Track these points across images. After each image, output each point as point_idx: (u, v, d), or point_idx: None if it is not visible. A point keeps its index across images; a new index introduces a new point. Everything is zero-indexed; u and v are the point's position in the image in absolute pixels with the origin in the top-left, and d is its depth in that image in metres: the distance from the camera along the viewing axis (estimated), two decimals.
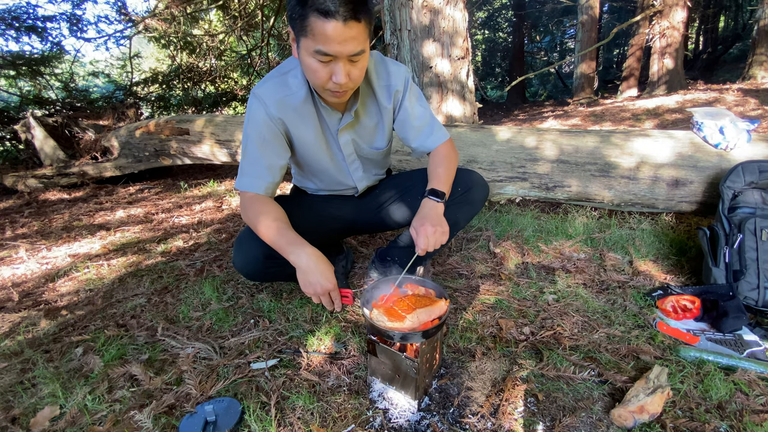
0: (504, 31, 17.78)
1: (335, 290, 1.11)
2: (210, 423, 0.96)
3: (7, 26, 4.90)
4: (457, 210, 1.39)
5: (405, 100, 1.30)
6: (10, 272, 2.05)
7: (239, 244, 1.28)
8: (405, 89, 1.29)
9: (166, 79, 6.13)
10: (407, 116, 1.33)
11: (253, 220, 1.18)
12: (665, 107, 6.21)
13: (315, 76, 1.03)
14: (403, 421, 0.98)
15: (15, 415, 1.07)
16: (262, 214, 1.17)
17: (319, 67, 1.00)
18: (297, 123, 1.21)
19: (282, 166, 1.24)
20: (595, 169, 2.04)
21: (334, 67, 1.00)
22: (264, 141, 1.19)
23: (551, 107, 10.06)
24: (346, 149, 1.33)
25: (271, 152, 1.21)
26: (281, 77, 1.18)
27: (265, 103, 1.16)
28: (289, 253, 1.11)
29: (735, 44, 14.32)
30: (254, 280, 1.56)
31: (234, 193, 3.29)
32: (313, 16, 0.92)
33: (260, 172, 1.21)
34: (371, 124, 1.32)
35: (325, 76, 1.02)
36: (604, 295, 1.51)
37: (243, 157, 1.22)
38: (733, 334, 1.25)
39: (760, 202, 1.50)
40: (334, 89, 1.06)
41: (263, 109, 1.16)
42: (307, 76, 1.08)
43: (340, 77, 1.01)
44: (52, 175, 3.84)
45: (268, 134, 1.19)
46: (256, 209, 1.19)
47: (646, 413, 0.93)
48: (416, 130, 1.34)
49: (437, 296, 1.11)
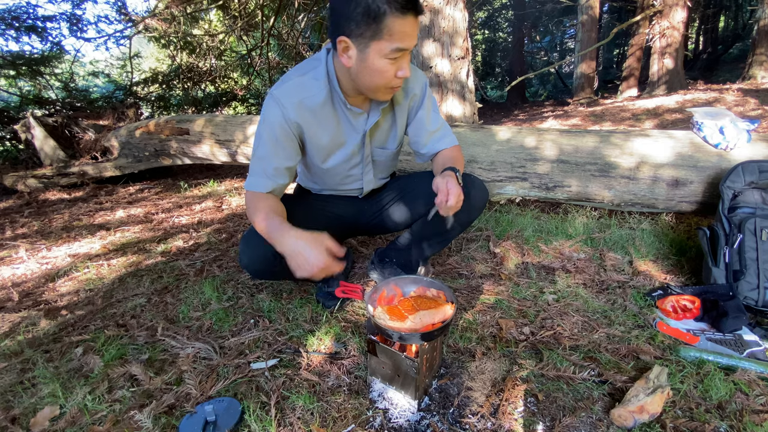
0: (504, 31, 17.78)
1: (327, 263, 1.04)
2: (210, 423, 0.96)
3: (7, 26, 4.90)
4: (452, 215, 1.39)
5: (422, 105, 1.31)
6: (10, 272, 2.05)
7: (245, 241, 1.28)
8: (423, 95, 1.30)
9: (166, 79, 6.13)
10: (423, 121, 1.33)
11: (252, 216, 1.18)
12: (665, 107, 6.21)
13: (383, 76, 1.05)
14: (403, 421, 0.98)
15: (15, 415, 1.07)
16: (258, 210, 1.17)
17: (388, 66, 1.03)
18: (314, 125, 1.21)
19: (291, 167, 1.24)
20: (595, 169, 2.04)
21: (401, 62, 1.04)
22: (276, 143, 1.19)
23: (551, 107, 10.06)
24: (366, 149, 1.33)
25: (282, 154, 1.21)
26: (300, 78, 1.17)
27: (283, 105, 1.15)
28: (276, 243, 1.09)
29: (735, 44, 14.32)
30: (260, 278, 1.56)
31: (234, 193, 3.29)
32: (393, 16, 0.96)
33: (269, 173, 1.20)
34: (386, 126, 1.33)
35: (392, 73, 1.05)
36: (604, 295, 1.51)
37: (253, 156, 1.22)
38: (733, 334, 1.25)
39: (760, 202, 1.50)
40: (397, 85, 1.10)
41: (280, 111, 1.15)
42: (368, 80, 1.08)
43: (406, 70, 1.06)
44: (52, 175, 3.83)
45: (281, 136, 1.18)
46: (254, 205, 1.19)
47: (646, 413, 0.93)
48: (429, 135, 1.36)
49: (447, 300, 1.11)
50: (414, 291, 1.16)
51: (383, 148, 1.38)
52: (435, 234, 1.48)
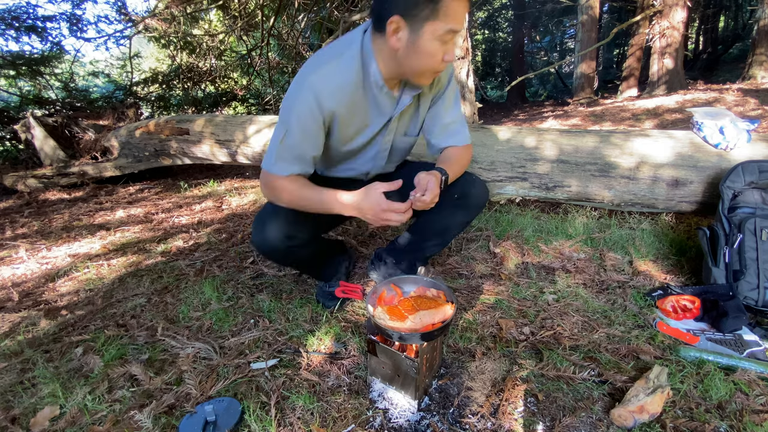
0: (504, 31, 17.77)
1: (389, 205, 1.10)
2: (210, 423, 0.97)
3: (7, 26, 4.90)
4: (450, 215, 1.38)
5: (445, 96, 1.29)
6: (10, 272, 2.05)
7: (260, 221, 1.26)
8: (447, 85, 1.29)
9: (166, 79, 6.13)
10: (441, 112, 1.31)
11: (279, 193, 1.18)
12: (665, 107, 6.21)
13: (432, 59, 1.04)
14: (403, 421, 0.98)
15: (15, 415, 1.07)
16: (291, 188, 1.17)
17: (438, 49, 1.02)
18: (348, 110, 1.15)
19: (317, 157, 1.21)
20: (595, 169, 2.04)
21: (449, 45, 1.04)
22: (304, 132, 1.13)
23: (551, 107, 10.06)
24: (389, 135, 1.30)
25: (310, 143, 1.16)
26: (338, 60, 1.11)
27: (319, 92, 1.08)
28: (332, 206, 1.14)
29: (735, 44, 14.31)
30: (273, 259, 1.51)
31: (234, 193, 3.29)
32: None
33: (296, 161, 1.17)
34: (410, 112, 1.30)
35: (440, 57, 1.04)
36: (604, 295, 1.51)
37: (278, 141, 1.15)
38: (733, 334, 1.25)
39: (760, 202, 1.50)
40: (441, 69, 1.09)
41: (314, 101, 1.08)
42: (416, 62, 1.05)
43: (452, 54, 1.05)
44: (52, 175, 3.83)
45: (311, 126, 1.13)
46: (281, 185, 1.17)
47: (646, 413, 0.93)
48: (442, 128, 1.33)
49: (447, 300, 1.11)
50: (414, 291, 1.16)
51: (405, 134, 1.35)
52: (434, 234, 1.47)
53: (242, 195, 3.23)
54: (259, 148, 2.88)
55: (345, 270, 1.64)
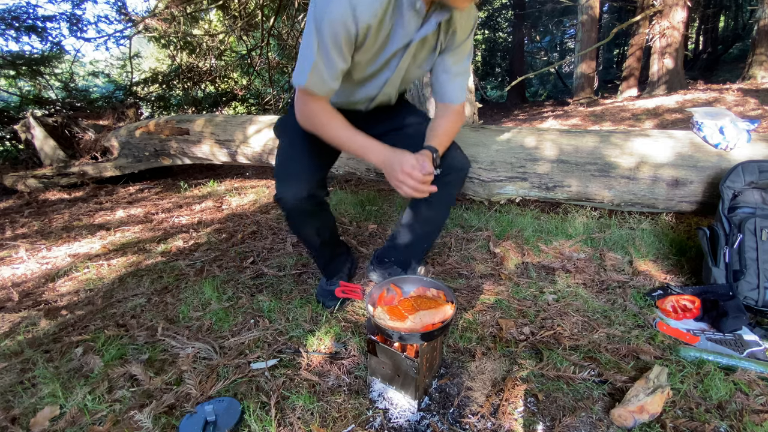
0: (504, 31, 17.76)
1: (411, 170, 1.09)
2: (210, 423, 0.97)
3: (7, 26, 4.90)
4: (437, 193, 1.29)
5: (462, 44, 1.27)
6: (10, 272, 2.05)
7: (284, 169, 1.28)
8: (468, 36, 1.26)
9: (166, 79, 6.12)
10: (451, 58, 1.28)
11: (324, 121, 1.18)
12: (665, 107, 6.21)
13: None
14: (403, 421, 0.98)
15: (15, 415, 1.07)
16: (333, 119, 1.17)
17: None
18: (378, 28, 1.08)
19: (344, 71, 1.15)
20: (595, 169, 2.04)
21: None
22: (336, 45, 1.05)
23: (551, 107, 10.06)
24: (405, 62, 1.22)
25: (340, 57, 1.09)
26: None
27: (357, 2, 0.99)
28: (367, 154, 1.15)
29: (735, 44, 14.31)
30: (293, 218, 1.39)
31: (234, 193, 3.29)
32: None
33: (332, 74, 1.11)
34: (429, 45, 1.25)
35: None
36: (604, 295, 1.51)
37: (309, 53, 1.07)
38: (733, 334, 1.25)
39: (760, 202, 1.50)
40: None
41: (350, 12, 0.99)
42: None
43: None
44: (52, 175, 3.83)
45: (344, 39, 1.04)
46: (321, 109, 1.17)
47: (646, 413, 0.93)
48: (449, 75, 1.31)
49: (447, 300, 1.11)
50: (414, 291, 1.16)
51: (418, 66, 1.30)
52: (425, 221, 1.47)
53: (242, 195, 3.23)
54: (259, 148, 2.88)
55: (347, 271, 1.65)
